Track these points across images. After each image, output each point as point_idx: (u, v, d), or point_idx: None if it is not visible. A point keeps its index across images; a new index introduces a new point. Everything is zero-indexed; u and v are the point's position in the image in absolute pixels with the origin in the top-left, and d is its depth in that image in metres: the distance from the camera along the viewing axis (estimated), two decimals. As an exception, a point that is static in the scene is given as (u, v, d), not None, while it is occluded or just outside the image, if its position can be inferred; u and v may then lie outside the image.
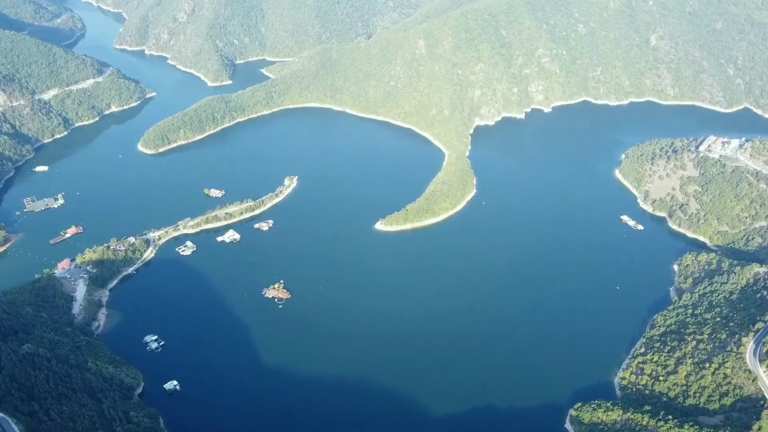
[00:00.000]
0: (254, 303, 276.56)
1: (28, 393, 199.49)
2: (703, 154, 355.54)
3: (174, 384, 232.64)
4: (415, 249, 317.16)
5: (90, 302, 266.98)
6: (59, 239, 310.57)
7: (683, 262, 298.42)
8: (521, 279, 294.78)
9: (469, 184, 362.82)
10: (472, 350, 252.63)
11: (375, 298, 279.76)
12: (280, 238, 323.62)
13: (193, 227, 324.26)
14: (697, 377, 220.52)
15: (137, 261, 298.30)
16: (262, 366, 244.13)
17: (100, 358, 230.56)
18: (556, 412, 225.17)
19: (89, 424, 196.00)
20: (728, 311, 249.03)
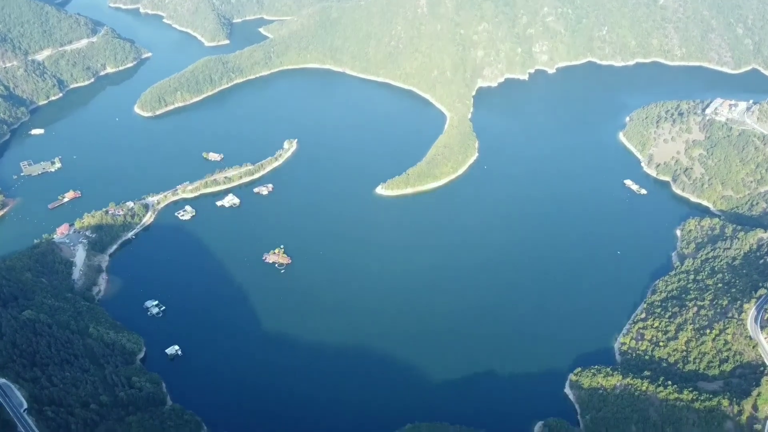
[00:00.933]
0: (255, 268, 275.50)
1: (30, 359, 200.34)
2: (710, 117, 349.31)
3: (176, 349, 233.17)
4: (416, 214, 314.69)
5: (90, 267, 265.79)
6: (57, 204, 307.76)
7: (686, 227, 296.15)
8: (523, 244, 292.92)
9: (471, 148, 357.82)
10: (472, 316, 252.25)
11: (376, 263, 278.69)
12: (279, 203, 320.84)
13: (192, 191, 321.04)
14: (698, 343, 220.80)
15: (136, 226, 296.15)
16: (263, 331, 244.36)
17: (101, 324, 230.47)
18: (556, 377, 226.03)
19: (92, 389, 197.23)
20: (730, 277, 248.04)
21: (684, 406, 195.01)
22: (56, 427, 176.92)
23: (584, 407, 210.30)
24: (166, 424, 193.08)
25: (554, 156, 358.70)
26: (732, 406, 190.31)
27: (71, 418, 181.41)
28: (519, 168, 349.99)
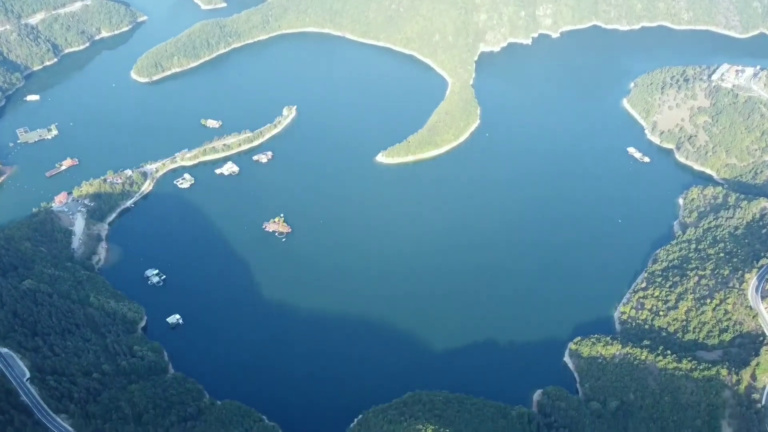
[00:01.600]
0: (255, 237, 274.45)
1: (31, 329, 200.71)
2: (716, 84, 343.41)
3: (177, 318, 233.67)
4: (417, 182, 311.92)
5: (89, 236, 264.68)
6: (55, 172, 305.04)
7: (689, 195, 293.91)
8: (524, 213, 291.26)
9: (473, 115, 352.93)
10: (473, 284, 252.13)
11: (376, 231, 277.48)
12: (279, 171, 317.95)
13: (190, 159, 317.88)
14: (698, 313, 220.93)
15: (135, 194, 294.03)
16: (263, 300, 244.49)
17: (102, 293, 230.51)
18: (555, 346, 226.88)
19: (94, 358, 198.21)
20: (732, 246, 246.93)
21: (683, 375, 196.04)
22: (59, 396, 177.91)
23: (583, 376, 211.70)
24: (168, 392, 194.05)
25: (557, 123, 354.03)
26: (731, 376, 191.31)
27: (74, 387, 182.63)
28: (521, 136, 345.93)
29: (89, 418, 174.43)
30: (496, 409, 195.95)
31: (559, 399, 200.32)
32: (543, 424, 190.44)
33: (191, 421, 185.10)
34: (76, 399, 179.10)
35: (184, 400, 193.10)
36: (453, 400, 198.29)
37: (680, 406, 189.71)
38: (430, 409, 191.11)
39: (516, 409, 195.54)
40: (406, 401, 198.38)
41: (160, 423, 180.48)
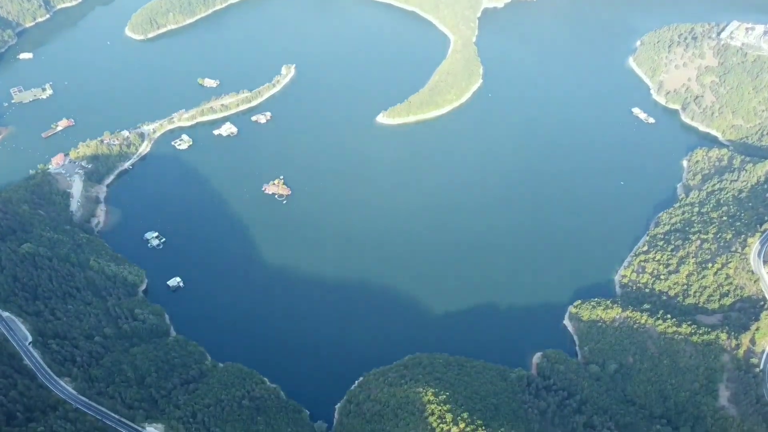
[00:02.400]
0: (254, 199, 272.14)
1: (32, 293, 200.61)
2: (724, 42, 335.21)
3: (177, 281, 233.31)
4: (418, 143, 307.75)
5: (87, 199, 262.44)
6: (51, 132, 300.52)
7: (693, 157, 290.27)
8: (525, 175, 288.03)
9: (475, 74, 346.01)
10: (474, 246, 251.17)
11: (377, 194, 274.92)
12: (278, 131, 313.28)
13: (188, 120, 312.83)
14: (699, 277, 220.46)
15: (133, 156, 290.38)
16: (264, 263, 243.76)
17: (102, 256, 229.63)
18: (555, 309, 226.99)
19: (95, 321, 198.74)
20: (736, 210, 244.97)
21: (682, 339, 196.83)
22: (62, 360, 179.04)
23: (583, 339, 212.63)
24: (170, 354, 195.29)
25: (561, 83, 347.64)
26: (730, 340, 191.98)
27: (76, 351, 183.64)
28: (524, 96, 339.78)
29: (92, 381, 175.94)
30: (495, 371, 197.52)
31: (558, 362, 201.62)
32: (542, 387, 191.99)
33: (193, 383, 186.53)
34: (78, 362, 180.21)
35: (186, 363, 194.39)
36: (453, 362, 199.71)
37: (679, 370, 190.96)
38: (430, 372, 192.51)
39: (515, 372, 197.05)
40: (406, 364, 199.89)
41: (162, 386, 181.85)
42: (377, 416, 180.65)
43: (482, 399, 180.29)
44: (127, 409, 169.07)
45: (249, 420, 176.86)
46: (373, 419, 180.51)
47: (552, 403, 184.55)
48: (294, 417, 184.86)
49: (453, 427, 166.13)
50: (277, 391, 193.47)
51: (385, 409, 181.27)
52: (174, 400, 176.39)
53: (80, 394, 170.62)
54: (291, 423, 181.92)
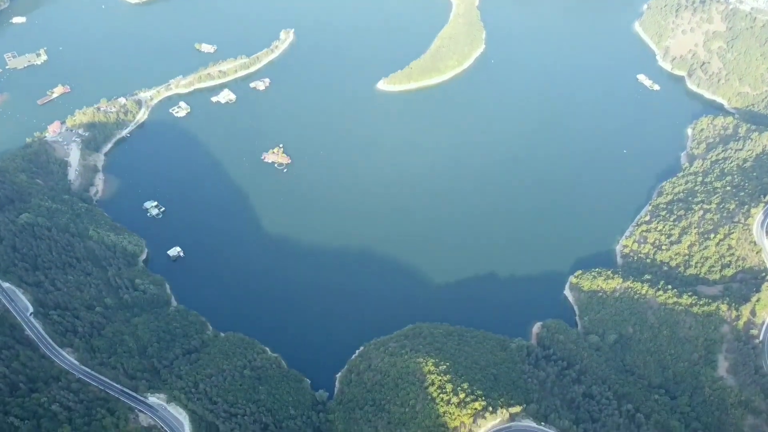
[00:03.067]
0: (254, 167, 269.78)
1: (32, 263, 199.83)
2: (733, 6, 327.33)
3: (177, 250, 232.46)
4: (419, 110, 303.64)
5: (85, 167, 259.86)
6: (47, 99, 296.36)
7: (698, 125, 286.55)
8: (528, 142, 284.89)
9: (478, 39, 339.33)
10: (475, 216, 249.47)
11: (378, 162, 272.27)
12: (277, 98, 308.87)
13: (185, 86, 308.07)
14: (701, 248, 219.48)
15: (130, 123, 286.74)
16: (264, 232, 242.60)
17: (101, 226, 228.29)
18: (556, 279, 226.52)
19: (96, 292, 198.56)
20: (740, 180, 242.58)
21: (682, 310, 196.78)
22: (63, 331, 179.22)
23: (583, 309, 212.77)
24: (171, 325, 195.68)
25: (565, 49, 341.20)
26: (730, 311, 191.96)
27: (77, 321, 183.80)
28: (527, 61, 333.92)
29: (94, 351, 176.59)
30: (495, 341, 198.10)
31: (558, 332, 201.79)
32: (541, 357, 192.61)
33: (195, 353, 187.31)
34: (80, 333, 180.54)
35: (187, 333, 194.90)
36: (453, 332, 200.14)
37: (678, 340, 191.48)
38: (431, 342, 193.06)
39: (515, 342, 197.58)
40: (407, 333, 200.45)
41: (164, 356, 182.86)
42: (378, 386, 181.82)
43: (482, 369, 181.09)
44: (129, 379, 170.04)
45: (251, 389, 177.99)
46: (374, 389, 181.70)
47: (551, 373, 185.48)
48: (295, 386, 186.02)
49: (453, 397, 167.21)
50: (278, 361, 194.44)
51: (386, 378, 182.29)
52: (176, 371, 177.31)
53: (82, 364, 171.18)
54: (292, 392, 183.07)
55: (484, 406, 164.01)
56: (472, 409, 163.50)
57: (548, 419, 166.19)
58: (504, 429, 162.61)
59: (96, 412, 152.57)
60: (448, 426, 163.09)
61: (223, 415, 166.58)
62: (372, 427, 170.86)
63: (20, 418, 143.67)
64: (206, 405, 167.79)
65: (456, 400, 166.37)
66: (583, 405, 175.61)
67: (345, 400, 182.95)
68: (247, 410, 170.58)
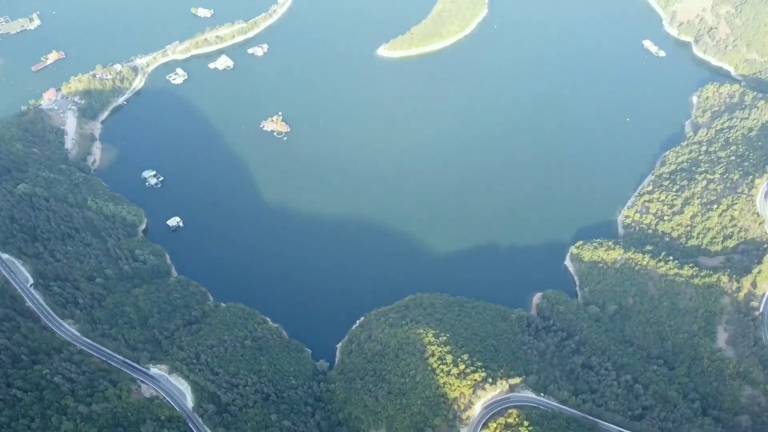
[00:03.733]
0: (252, 136, 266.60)
1: (31, 234, 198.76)
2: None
3: (177, 220, 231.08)
4: (420, 77, 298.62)
5: (82, 136, 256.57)
6: (41, 65, 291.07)
7: (703, 93, 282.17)
8: (530, 110, 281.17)
9: (480, 3, 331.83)
10: (476, 185, 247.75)
11: (378, 131, 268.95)
12: (275, 65, 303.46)
13: (182, 52, 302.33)
14: (703, 218, 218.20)
15: (126, 91, 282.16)
16: (264, 202, 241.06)
17: (99, 196, 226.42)
18: (556, 249, 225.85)
19: (96, 263, 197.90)
20: (744, 149, 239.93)
21: (683, 281, 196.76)
22: (64, 302, 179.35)
23: (583, 280, 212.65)
24: (172, 295, 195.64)
25: (569, 13, 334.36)
26: (731, 283, 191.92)
27: (78, 293, 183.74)
28: (530, 26, 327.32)
29: (95, 323, 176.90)
30: (495, 312, 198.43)
31: (558, 302, 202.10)
32: (541, 328, 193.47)
33: (196, 324, 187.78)
34: (81, 304, 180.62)
35: (188, 304, 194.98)
36: (454, 303, 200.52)
37: (678, 311, 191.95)
38: (431, 313, 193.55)
39: (515, 313, 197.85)
40: (407, 304, 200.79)
41: (165, 327, 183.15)
42: (378, 356, 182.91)
43: (482, 340, 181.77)
44: (131, 350, 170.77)
45: (252, 360, 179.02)
46: (374, 359, 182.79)
47: (551, 344, 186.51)
48: (296, 356, 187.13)
49: (453, 369, 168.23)
50: (279, 331, 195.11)
51: (386, 349, 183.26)
52: (177, 342, 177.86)
53: (84, 335, 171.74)
54: (293, 362, 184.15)
55: (484, 377, 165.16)
56: (472, 380, 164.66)
57: (547, 390, 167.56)
58: (503, 400, 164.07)
59: (98, 383, 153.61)
60: (448, 397, 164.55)
61: (224, 386, 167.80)
62: (372, 397, 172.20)
63: (23, 390, 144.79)
64: (208, 376, 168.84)
65: (456, 372, 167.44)
66: (582, 376, 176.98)
67: (345, 370, 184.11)
68: (249, 381, 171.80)
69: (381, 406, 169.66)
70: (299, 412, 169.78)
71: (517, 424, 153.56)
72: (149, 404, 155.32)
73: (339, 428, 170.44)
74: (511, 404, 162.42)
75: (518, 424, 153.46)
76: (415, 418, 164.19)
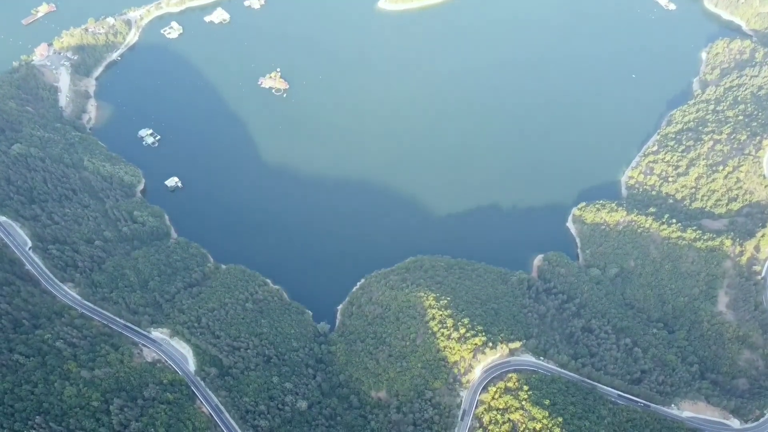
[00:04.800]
0: (250, 93, 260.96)
1: (28, 196, 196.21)
2: None
3: (175, 181, 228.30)
4: (423, 31, 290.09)
5: (77, 93, 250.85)
6: (32, 19, 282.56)
7: (713, 49, 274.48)
8: (534, 65, 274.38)
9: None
10: (477, 145, 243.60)
11: (378, 87, 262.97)
12: (273, 18, 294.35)
13: (176, 5, 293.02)
14: (708, 180, 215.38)
15: (120, 45, 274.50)
16: (263, 160, 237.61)
17: (96, 156, 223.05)
18: (558, 210, 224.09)
19: (94, 225, 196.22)
20: (753, 109, 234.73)
21: (685, 244, 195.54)
22: (63, 266, 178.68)
23: (585, 242, 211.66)
24: (172, 258, 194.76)
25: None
26: (734, 247, 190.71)
27: (77, 256, 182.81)
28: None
29: (95, 286, 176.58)
30: (496, 274, 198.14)
31: (560, 265, 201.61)
32: (542, 290, 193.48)
33: (197, 286, 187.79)
34: (80, 268, 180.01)
35: (188, 266, 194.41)
36: (454, 265, 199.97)
37: (680, 275, 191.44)
38: (432, 276, 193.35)
39: (516, 275, 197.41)
40: (408, 266, 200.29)
41: (166, 290, 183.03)
42: (379, 319, 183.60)
43: (483, 304, 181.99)
44: (131, 314, 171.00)
45: (253, 323, 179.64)
46: (375, 321, 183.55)
47: (551, 307, 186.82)
48: (297, 318, 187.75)
49: (453, 333, 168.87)
50: (280, 293, 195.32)
51: (387, 312, 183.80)
52: (178, 305, 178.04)
53: (84, 299, 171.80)
54: (294, 324, 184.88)
55: (485, 341, 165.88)
56: (472, 344, 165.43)
57: (547, 354, 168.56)
58: (503, 363, 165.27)
59: (100, 348, 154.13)
60: (448, 360, 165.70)
61: (226, 349, 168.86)
62: (373, 359, 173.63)
63: (25, 355, 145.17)
64: (209, 339, 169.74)
65: (456, 335, 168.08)
66: (582, 339, 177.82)
67: (346, 332, 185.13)
68: (250, 343, 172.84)
69: (381, 368, 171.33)
70: (300, 374, 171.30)
71: (517, 388, 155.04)
72: (151, 368, 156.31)
73: (340, 390, 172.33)
74: (510, 368, 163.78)
75: (518, 388, 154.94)
76: (416, 381, 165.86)
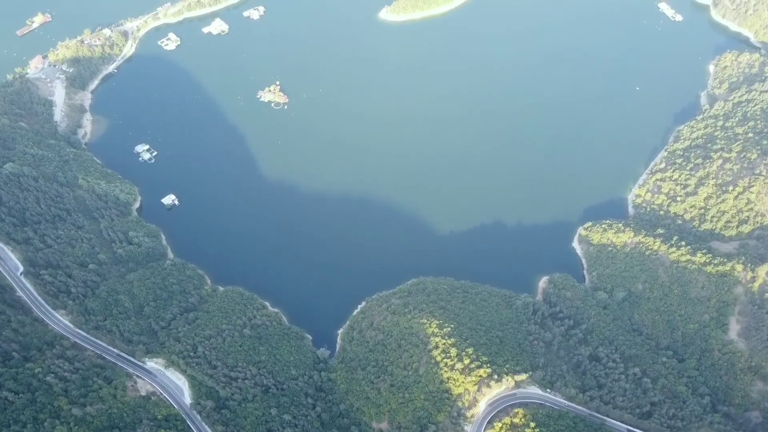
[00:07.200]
0: (249, 107, 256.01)
1: (20, 218, 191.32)
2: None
3: (172, 198, 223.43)
4: (425, 42, 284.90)
5: (72, 107, 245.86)
6: (26, 30, 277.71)
7: (721, 62, 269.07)
8: (538, 78, 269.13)
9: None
10: (481, 160, 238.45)
11: (380, 101, 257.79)
12: (273, 29, 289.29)
13: (174, 15, 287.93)
14: (718, 200, 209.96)
15: (117, 57, 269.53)
16: (262, 178, 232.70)
17: (91, 173, 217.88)
18: (564, 229, 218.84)
19: (88, 247, 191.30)
20: (764, 125, 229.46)
21: (695, 268, 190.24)
22: (56, 292, 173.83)
23: (591, 263, 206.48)
24: (168, 280, 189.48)
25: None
26: (746, 272, 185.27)
27: (70, 281, 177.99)
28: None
29: (89, 314, 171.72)
30: (500, 298, 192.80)
31: (565, 287, 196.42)
32: (548, 315, 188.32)
33: (193, 311, 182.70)
34: (73, 294, 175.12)
35: (185, 289, 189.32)
36: (458, 288, 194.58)
37: (689, 300, 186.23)
38: (435, 300, 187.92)
39: (521, 299, 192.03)
40: (410, 289, 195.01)
41: (161, 316, 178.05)
42: (380, 345, 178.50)
43: (487, 331, 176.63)
44: (126, 343, 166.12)
45: (251, 350, 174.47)
46: (376, 348, 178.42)
47: (557, 334, 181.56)
48: (296, 344, 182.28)
49: (457, 363, 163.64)
50: (278, 317, 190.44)
51: (388, 338, 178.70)
52: (174, 332, 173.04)
53: (77, 327, 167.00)
54: (293, 351, 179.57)
55: (489, 373, 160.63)
56: (476, 376, 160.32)
57: (554, 386, 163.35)
58: (509, 396, 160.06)
59: (92, 382, 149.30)
60: (452, 392, 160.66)
61: (223, 380, 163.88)
62: (375, 389, 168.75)
63: (14, 392, 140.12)
64: (206, 370, 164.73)
65: (460, 366, 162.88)
66: (590, 369, 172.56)
67: (347, 359, 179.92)
68: (248, 373, 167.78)
69: (383, 398, 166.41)
70: (300, 404, 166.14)
71: (523, 425, 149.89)
72: (145, 402, 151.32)
73: (340, 420, 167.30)
74: (516, 402, 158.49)
75: (524, 425, 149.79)
76: (418, 413, 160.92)
